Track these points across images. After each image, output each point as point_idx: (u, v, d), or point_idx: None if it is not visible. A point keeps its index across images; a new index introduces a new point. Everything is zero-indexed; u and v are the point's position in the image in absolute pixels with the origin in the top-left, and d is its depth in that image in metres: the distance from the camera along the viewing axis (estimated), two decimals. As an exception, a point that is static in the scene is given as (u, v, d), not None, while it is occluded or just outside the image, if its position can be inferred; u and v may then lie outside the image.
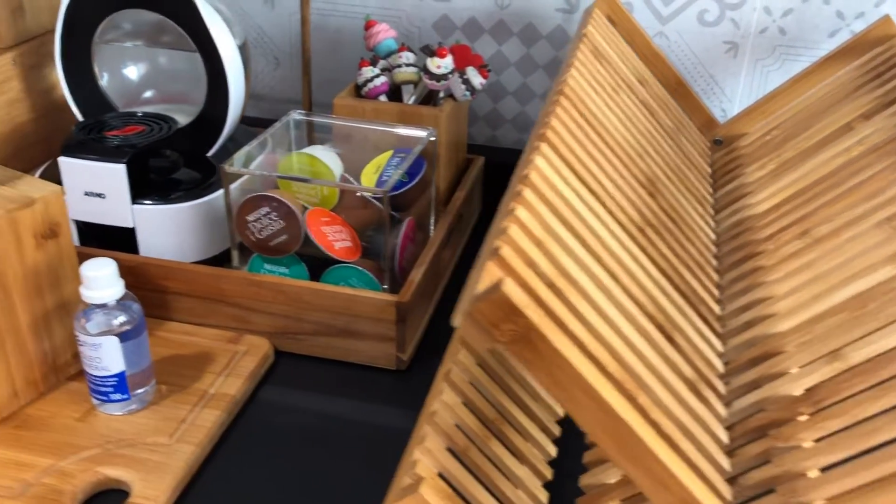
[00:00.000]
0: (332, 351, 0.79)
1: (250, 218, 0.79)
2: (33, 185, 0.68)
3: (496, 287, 0.35)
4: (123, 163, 0.81)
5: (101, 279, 0.65)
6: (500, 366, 0.64)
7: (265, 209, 0.79)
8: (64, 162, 0.82)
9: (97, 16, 0.88)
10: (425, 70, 0.88)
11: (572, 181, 0.55)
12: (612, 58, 0.81)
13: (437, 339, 0.83)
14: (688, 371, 0.54)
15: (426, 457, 0.52)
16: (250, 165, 0.83)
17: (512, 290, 0.35)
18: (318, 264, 0.82)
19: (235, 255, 0.82)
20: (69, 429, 0.68)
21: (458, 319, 0.37)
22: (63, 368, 0.73)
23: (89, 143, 0.83)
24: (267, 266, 0.83)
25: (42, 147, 0.99)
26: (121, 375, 0.67)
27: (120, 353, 0.66)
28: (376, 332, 0.77)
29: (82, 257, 0.69)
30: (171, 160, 0.88)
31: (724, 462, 0.50)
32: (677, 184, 0.75)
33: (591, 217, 0.54)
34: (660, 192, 0.69)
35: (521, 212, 0.45)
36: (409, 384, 0.78)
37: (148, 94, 0.96)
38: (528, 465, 0.60)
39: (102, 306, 0.66)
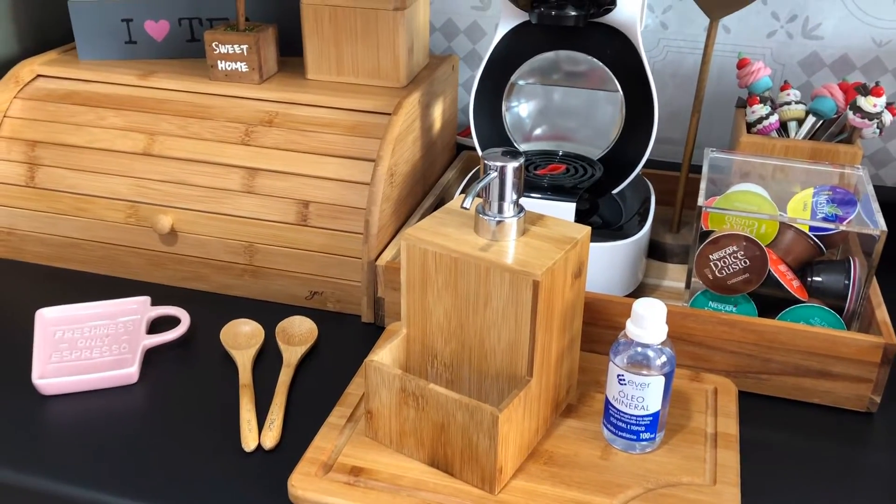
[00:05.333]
0: (798, 392, 0.78)
1: (714, 256, 0.80)
2: (562, 226, 0.69)
3: None
4: (573, 202, 0.83)
5: (656, 320, 0.65)
6: None
7: (732, 248, 0.79)
8: (513, 199, 0.83)
9: (524, 56, 0.90)
10: (856, 108, 0.87)
11: None
12: None
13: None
14: None
15: None
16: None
17: None
18: (763, 303, 0.82)
19: (687, 294, 0.83)
20: (599, 468, 0.68)
21: None
22: (560, 404, 0.74)
23: (532, 182, 0.85)
24: (712, 304, 0.83)
25: (420, 185, 1.01)
26: (655, 415, 0.68)
27: (661, 394, 0.67)
28: (853, 373, 0.76)
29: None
30: (590, 201, 0.89)
31: None
32: None
33: None
34: None
35: None
36: (876, 426, 0.77)
37: (538, 130, 0.98)
38: None
39: (647, 346, 0.67)
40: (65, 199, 0.96)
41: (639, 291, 0.91)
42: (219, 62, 0.97)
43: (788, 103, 0.96)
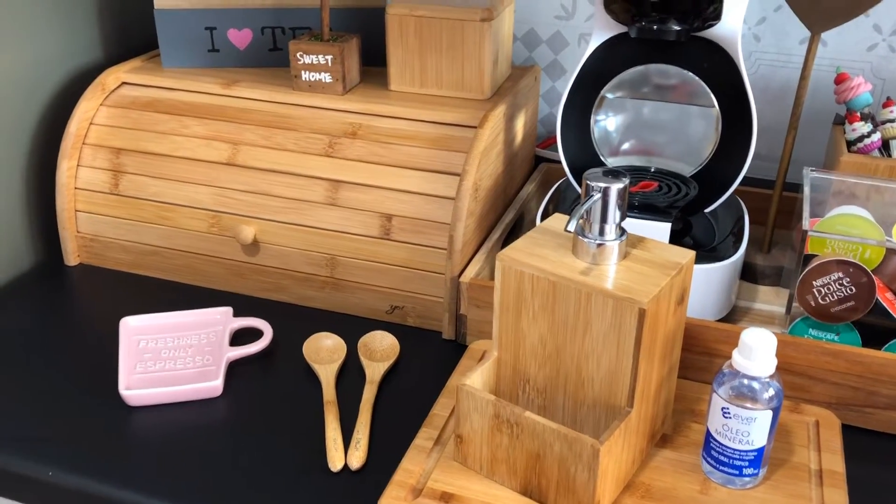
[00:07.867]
0: (906, 427, 0.75)
1: (818, 283, 0.76)
2: (665, 249, 0.66)
3: None
4: (668, 222, 0.80)
5: (765, 351, 0.62)
6: None
7: (837, 274, 0.75)
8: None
9: (616, 69, 0.87)
10: (971, 129, 0.83)
11: None
12: None
13: None
14: None
15: None
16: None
17: None
18: (866, 332, 0.78)
19: (786, 320, 0.79)
20: (699, 503, 0.65)
21: None
22: (655, 435, 0.71)
23: (624, 199, 0.82)
24: (812, 331, 0.79)
25: (502, 199, 0.99)
26: (760, 451, 0.65)
27: (767, 429, 0.64)
28: (968, 410, 0.72)
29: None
30: (683, 221, 0.86)
31: None
32: None
33: None
34: None
35: None
36: None
37: (626, 145, 0.95)
38: None
39: (754, 379, 0.63)
40: (148, 206, 0.96)
41: (731, 315, 0.88)
42: (303, 72, 0.96)
43: (892, 121, 0.92)
